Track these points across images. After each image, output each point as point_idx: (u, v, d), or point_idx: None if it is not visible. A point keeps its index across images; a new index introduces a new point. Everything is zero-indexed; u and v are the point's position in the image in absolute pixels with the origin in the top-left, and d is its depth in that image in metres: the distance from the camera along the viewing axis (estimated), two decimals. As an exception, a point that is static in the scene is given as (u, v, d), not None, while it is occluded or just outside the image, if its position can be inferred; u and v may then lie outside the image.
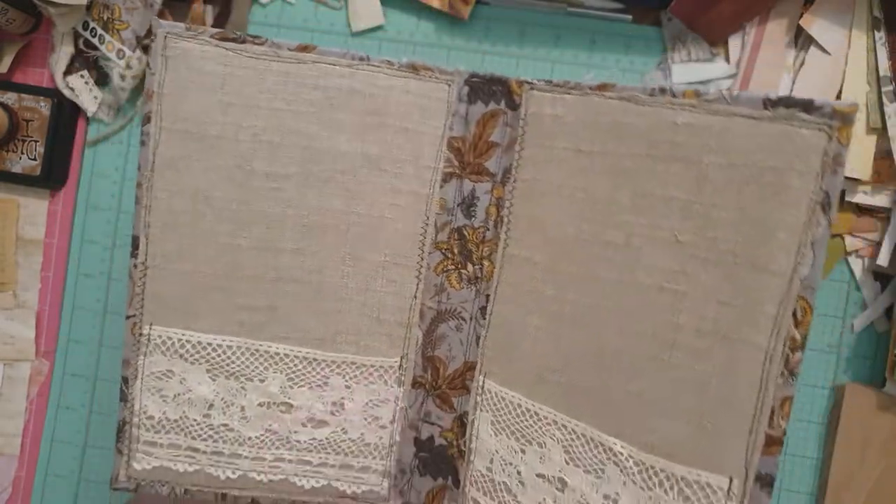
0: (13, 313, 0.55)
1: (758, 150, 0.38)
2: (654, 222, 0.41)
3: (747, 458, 0.38)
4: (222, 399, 0.50)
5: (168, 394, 0.50)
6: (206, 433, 0.50)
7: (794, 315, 0.36)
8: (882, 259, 0.52)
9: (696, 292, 0.40)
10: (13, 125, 0.52)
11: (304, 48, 0.48)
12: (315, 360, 0.50)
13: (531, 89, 0.48)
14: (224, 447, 0.50)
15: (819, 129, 0.36)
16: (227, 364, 0.50)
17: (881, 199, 0.52)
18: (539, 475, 0.46)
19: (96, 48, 0.52)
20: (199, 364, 0.49)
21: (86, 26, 0.51)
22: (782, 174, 0.37)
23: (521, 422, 0.47)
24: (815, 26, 0.52)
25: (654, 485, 0.41)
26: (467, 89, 0.50)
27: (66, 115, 0.54)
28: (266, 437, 0.50)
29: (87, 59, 0.53)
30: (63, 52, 0.52)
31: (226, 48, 0.47)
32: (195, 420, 0.50)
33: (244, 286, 0.49)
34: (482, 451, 0.49)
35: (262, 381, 0.50)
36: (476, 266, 0.50)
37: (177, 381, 0.49)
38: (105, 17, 0.51)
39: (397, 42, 0.55)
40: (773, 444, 0.37)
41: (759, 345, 0.37)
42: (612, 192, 0.43)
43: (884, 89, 0.51)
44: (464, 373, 0.51)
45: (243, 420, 0.50)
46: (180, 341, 0.49)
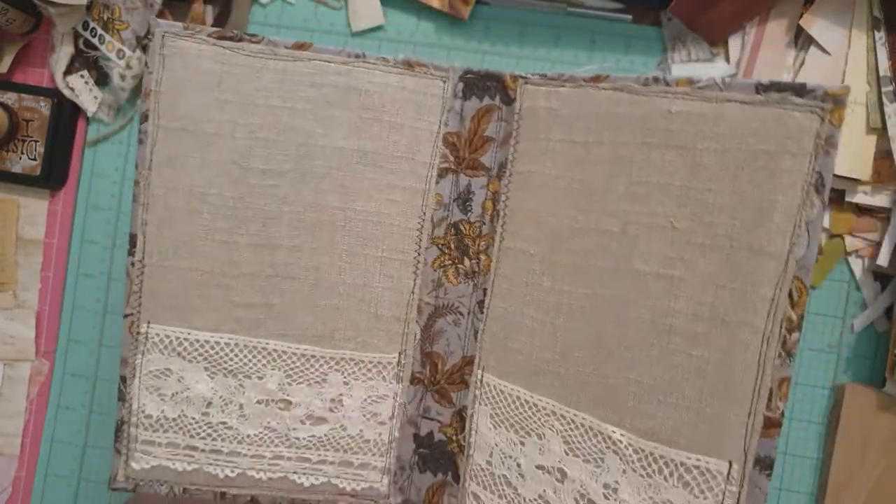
0: (13, 313, 0.55)
1: (751, 134, 0.38)
2: (650, 210, 0.42)
3: (746, 441, 0.38)
4: (220, 397, 0.50)
5: (166, 392, 0.49)
6: (204, 431, 0.50)
7: (790, 296, 0.37)
8: (882, 259, 0.52)
9: (693, 278, 0.40)
10: (13, 125, 0.52)
11: (301, 46, 0.48)
12: (313, 356, 0.50)
13: (526, 83, 0.48)
14: (223, 445, 0.50)
15: (811, 112, 0.36)
16: (226, 362, 0.49)
17: (881, 199, 0.52)
18: (539, 467, 0.46)
19: (96, 48, 0.52)
20: (197, 362, 0.49)
21: (86, 26, 0.52)
22: (776, 157, 0.37)
23: (520, 414, 0.47)
24: (815, 26, 0.52)
25: (654, 472, 0.40)
26: (462, 85, 0.50)
27: (66, 115, 0.54)
28: (265, 434, 0.50)
29: (87, 59, 0.53)
30: (63, 52, 0.52)
31: (223, 47, 0.48)
32: (193, 418, 0.50)
33: (241, 283, 0.49)
34: (481, 445, 0.49)
35: (260, 378, 0.50)
36: (473, 260, 0.50)
37: (175, 380, 0.49)
38: (105, 17, 0.52)
39: (397, 42, 0.55)
40: (772, 426, 0.37)
41: (757, 327, 0.37)
42: (608, 181, 0.43)
43: (884, 89, 0.51)
44: (462, 367, 0.51)
45: (242, 418, 0.50)
46: (178, 339, 0.49)
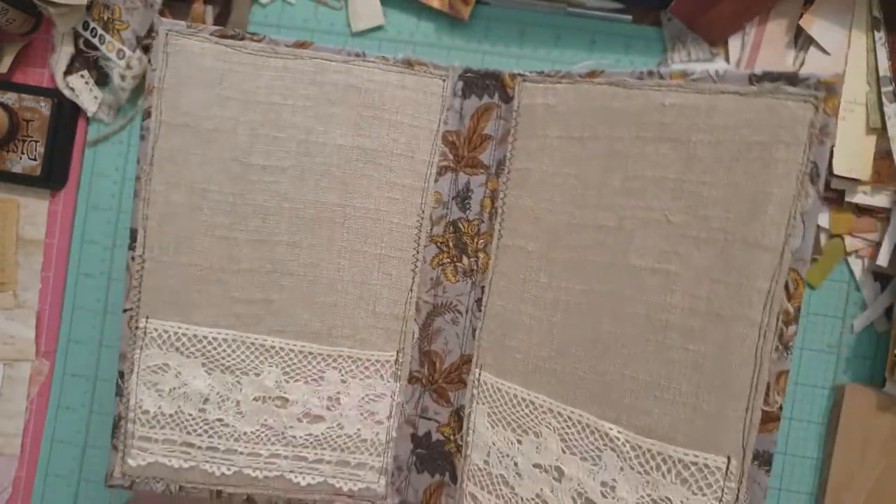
0: (13, 313, 0.55)
1: (745, 125, 0.38)
2: (645, 204, 0.41)
3: (744, 436, 0.37)
4: (217, 393, 0.50)
5: (164, 388, 0.49)
6: (201, 428, 0.50)
7: (787, 288, 0.36)
8: (882, 259, 0.52)
9: (689, 272, 0.39)
10: (13, 125, 0.53)
11: (301, 44, 0.49)
12: (311, 353, 0.50)
13: (524, 81, 0.48)
14: (219, 443, 0.50)
15: (805, 101, 0.36)
16: (223, 357, 0.49)
17: (881, 199, 0.52)
18: (536, 465, 0.45)
19: (96, 48, 0.52)
20: (195, 357, 0.49)
21: (86, 26, 0.52)
22: (770, 147, 0.37)
23: (517, 412, 0.46)
24: (815, 26, 0.52)
25: (652, 468, 0.40)
26: (461, 84, 0.51)
27: (67, 115, 0.55)
28: (261, 432, 0.50)
29: (87, 59, 0.53)
30: (63, 52, 0.53)
31: (225, 45, 0.48)
32: (190, 415, 0.50)
33: (240, 279, 0.49)
34: (479, 445, 0.48)
35: (257, 374, 0.50)
36: (471, 258, 0.50)
37: (172, 375, 0.49)
38: (105, 17, 0.52)
39: (397, 42, 0.56)
40: (770, 420, 0.36)
41: (753, 320, 0.37)
42: (604, 176, 0.43)
43: (884, 89, 0.51)
44: (460, 366, 0.50)
45: (238, 415, 0.50)
46: (176, 334, 0.49)
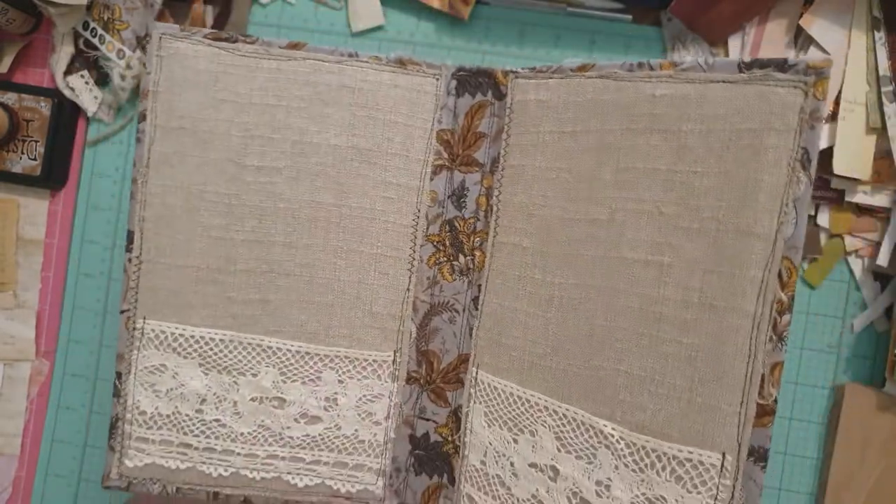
0: (13, 313, 0.56)
1: (735, 113, 0.37)
2: (636, 196, 0.41)
3: (739, 431, 0.36)
4: (214, 394, 0.50)
5: (161, 388, 0.50)
6: (198, 429, 0.50)
7: (780, 277, 0.35)
8: (882, 259, 0.51)
9: (681, 263, 0.39)
10: (13, 125, 0.53)
11: (295, 45, 0.49)
12: (308, 353, 0.50)
13: (516, 78, 0.48)
14: (216, 443, 0.50)
15: (794, 87, 0.35)
16: (220, 358, 0.50)
17: (881, 199, 0.51)
18: (531, 465, 0.45)
19: (96, 48, 0.53)
20: (192, 358, 0.50)
21: (86, 26, 0.53)
22: (760, 135, 0.36)
23: (513, 410, 0.46)
24: (815, 26, 0.51)
25: (646, 466, 0.39)
26: (455, 82, 0.50)
27: (67, 115, 0.55)
28: (259, 433, 0.50)
29: (87, 59, 0.54)
30: (63, 52, 0.54)
31: (218, 47, 0.49)
32: (187, 415, 0.50)
33: (237, 280, 0.49)
34: (476, 445, 0.48)
35: (254, 375, 0.50)
36: (468, 257, 0.50)
37: (169, 376, 0.50)
38: (105, 17, 0.53)
39: (397, 42, 0.56)
40: (765, 414, 0.35)
41: (747, 311, 0.36)
42: (595, 169, 0.43)
43: (884, 89, 0.50)
44: (458, 366, 0.50)
45: (236, 415, 0.50)
46: (173, 335, 0.49)
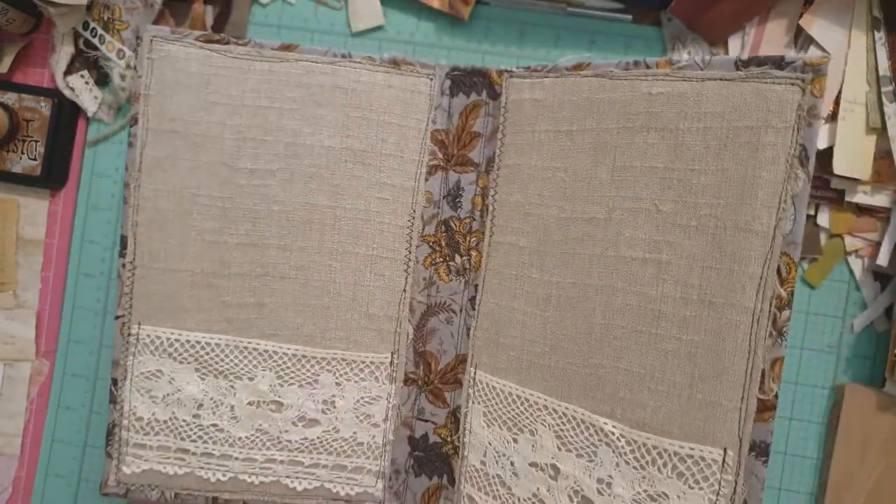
0: (13, 313, 0.55)
1: (732, 110, 0.37)
2: (634, 194, 0.41)
3: (740, 426, 0.36)
4: (211, 398, 0.49)
5: (157, 394, 0.49)
6: (195, 434, 0.49)
7: (779, 273, 0.35)
8: (882, 259, 0.51)
9: (680, 260, 0.39)
10: (13, 125, 0.53)
11: (287, 47, 0.49)
12: (304, 356, 0.50)
13: (511, 77, 0.48)
14: (214, 448, 0.49)
15: (792, 84, 0.35)
16: (216, 362, 0.49)
17: (881, 199, 0.51)
18: (532, 464, 0.45)
19: (96, 48, 0.53)
20: (188, 363, 0.49)
21: (86, 26, 0.52)
22: (758, 132, 0.36)
23: (513, 410, 0.46)
24: (815, 26, 0.51)
25: (647, 463, 0.39)
26: (449, 82, 0.50)
27: (67, 115, 0.55)
28: (256, 437, 0.49)
29: (87, 59, 0.53)
30: (63, 52, 0.53)
31: (210, 49, 0.48)
32: (184, 420, 0.49)
33: (232, 283, 0.49)
34: (475, 445, 0.48)
35: (251, 379, 0.49)
36: (464, 257, 0.50)
37: (166, 381, 0.49)
38: (105, 17, 0.52)
39: (397, 42, 0.55)
40: (766, 409, 0.36)
41: (746, 307, 0.36)
42: (592, 168, 0.43)
43: (884, 89, 0.50)
44: (456, 366, 0.50)
45: (233, 420, 0.49)
46: (169, 340, 0.49)
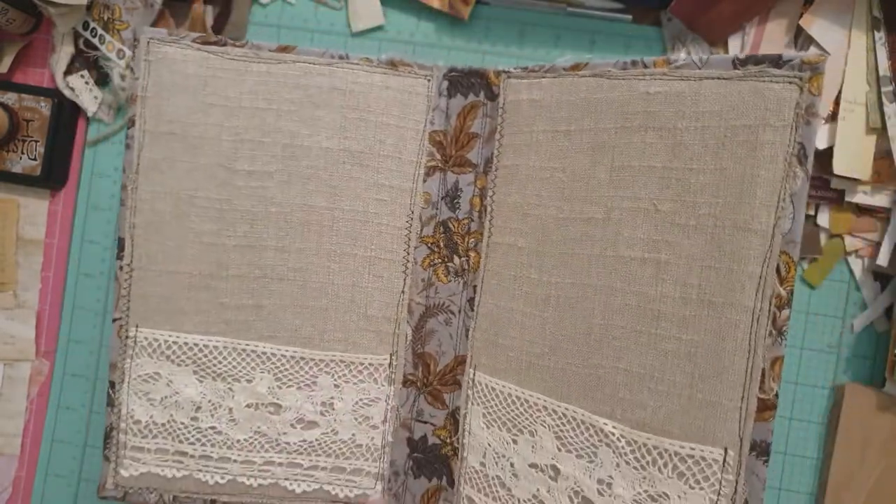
0: (13, 313, 0.55)
1: (730, 109, 0.37)
2: (633, 194, 0.41)
3: (741, 426, 0.36)
4: (210, 401, 0.49)
5: (155, 397, 0.49)
6: (193, 437, 0.49)
7: (778, 272, 0.35)
8: (882, 259, 0.51)
9: (679, 260, 0.39)
10: (13, 125, 0.53)
11: (284, 49, 0.49)
12: (303, 358, 0.49)
13: (508, 77, 0.48)
14: (212, 451, 0.49)
15: (790, 82, 0.35)
16: (214, 365, 0.49)
17: (881, 199, 0.51)
18: (532, 465, 0.44)
19: (96, 48, 0.53)
20: (186, 365, 0.49)
21: (86, 26, 0.52)
22: (756, 131, 0.36)
23: (512, 411, 0.46)
24: (815, 26, 0.51)
25: (648, 463, 0.39)
26: (447, 83, 0.50)
27: (67, 115, 0.55)
28: (255, 439, 0.49)
29: (87, 59, 0.53)
30: (63, 52, 0.53)
31: (207, 51, 0.48)
32: (183, 423, 0.49)
33: (229, 285, 0.49)
34: (475, 446, 0.48)
35: (249, 381, 0.49)
36: (462, 258, 0.50)
37: (164, 384, 0.49)
38: (105, 17, 0.53)
39: (397, 42, 0.55)
40: (767, 408, 0.36)
41: (746, 306, 0.36)
42: (591, 168, 0.43)
43: (884, 89, 0.50)
44: (455, 367, 0.50)
45: (231, 422, 0.49)
46: (167, 342, 0.49)
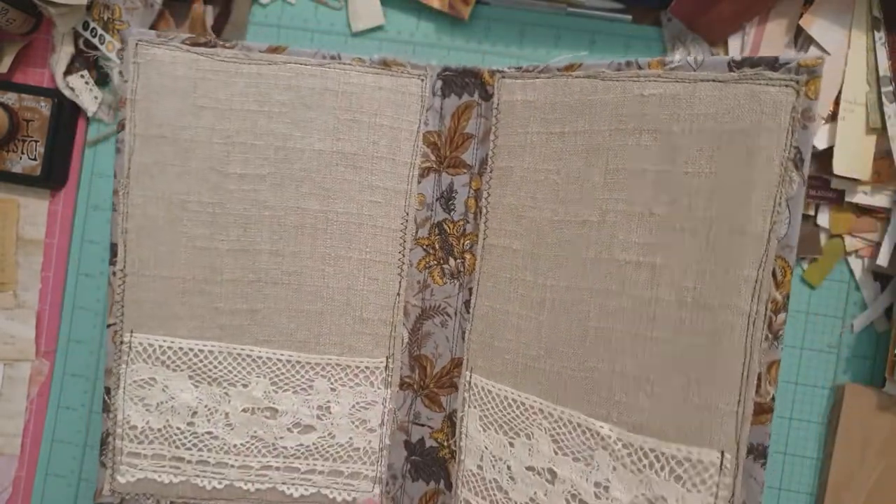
0: (13, 313, 0.55)
1: (726, 113, 0.37)
2: (627, 197, 0.41)
3: (737, 429, 0.36)
4: (206, 406, 0.49)
5: (151, 402, 0.49)
6: (190, 442, 0.49)
7: (774, 276, 0.35)
8: (882, 259, 0.51)
9: (674, 263, 0.39)
10: (13, 125, 0.52)
11: (275, 49, 0.48)
12: (298, 362, 0.49)
13: (502, 77, 0.47)
14: (209, 456, 0.49)
15: (786, 86, 0.35)
16: (210, 370, 0.49)
17: (881, 199, 0.51)
18: (529, 468, 0.44)
19: (96, 48, 0.52)
20: (182, 371, 0.49)
21: (86, 26, 0.52)
22: (752, 134, 0.36)
23: (508, 414, 0.46)
24: (815, 26, 0.51)
25: (645, 467, 0.39)
26: (440, 83, 0.50)
27: (67, 115, 0.54)
28: (252, 444, 0.49)
29: (87, 59, 0.53)
30: (63, 52, 0.53)
31: (196, 53, 0.48)
32: (179, 429, 0.49)
33: (224, 290, 0.49)
34: (472, 449, 0.48)
35: (245, 386, 0.49)
36: (458, 260, 0.50)
37: (159, 389, 0.49)
38: (105, 17, 0.52)
39: (397, 42, 0.55)
40: (763, 412, 0.36)
41: (741, 310, 0.36)
42: (585, 170, 0.43)
43: (884, 89, 0.50)
44: (451, 370, 0.50)
45: (228, 427, 0.49)
46: (161, 348, 0.49)
